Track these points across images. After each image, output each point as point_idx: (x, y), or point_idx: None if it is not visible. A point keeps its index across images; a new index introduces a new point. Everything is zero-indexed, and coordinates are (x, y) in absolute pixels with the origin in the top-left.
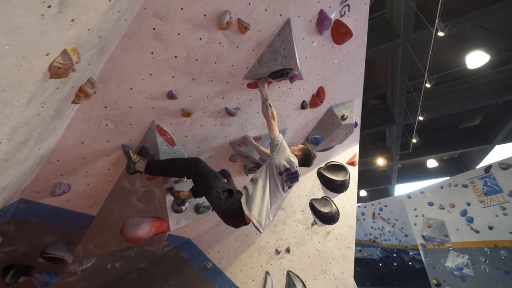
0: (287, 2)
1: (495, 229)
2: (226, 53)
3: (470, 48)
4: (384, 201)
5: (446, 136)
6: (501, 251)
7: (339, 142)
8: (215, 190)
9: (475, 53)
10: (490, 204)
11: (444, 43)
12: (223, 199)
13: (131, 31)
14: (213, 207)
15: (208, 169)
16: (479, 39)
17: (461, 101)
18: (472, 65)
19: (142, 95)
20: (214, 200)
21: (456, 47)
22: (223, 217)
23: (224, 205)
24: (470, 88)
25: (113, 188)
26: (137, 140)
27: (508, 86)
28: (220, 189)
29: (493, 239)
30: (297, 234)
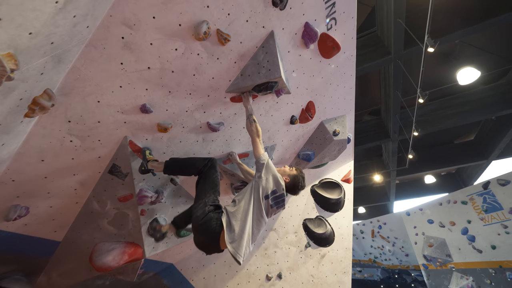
0: (270, 14)
1: (498, 248)
2: (206, 65)
3: (460, 65)
4: (383, 219)
5: (442, 152)
6: (507, 272)
7: (332, 159)
8: (204, 200)
9: (466, 69)
10: (491, 222)
11: (435, 60)
12: (206, 212)
13: (96, 40)
14: (193, 216)
15: (215, 178)
16: (469, 56)
17: (455, 117)
18: (464, 82)
19: (111, 108)
20: (197, 209)
21: (447, 64)
22: (197, 231)
23: (204, 217)
24: (463, 103)
25: (81, 211)
26: (107, 157)
27: (500, 102)
28: (209, 201)
29: (497, 259)
30: (289, 258)
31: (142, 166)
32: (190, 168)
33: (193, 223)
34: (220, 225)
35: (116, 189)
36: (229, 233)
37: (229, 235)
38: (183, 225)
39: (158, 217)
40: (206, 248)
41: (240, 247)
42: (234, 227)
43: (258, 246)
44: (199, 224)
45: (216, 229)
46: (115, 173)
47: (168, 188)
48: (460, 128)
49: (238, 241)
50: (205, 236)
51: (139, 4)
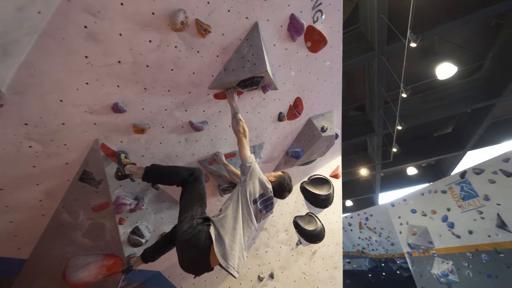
0: (253, 4)
1: (474, 233)
2: (185, 58)
3: (439, 61)
4: (370, 211)
5: (423, 144)
6: (482, 255)
7: (321, 155)
8: (191, 213)
9: (444, 65)
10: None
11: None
12: (194, 225)
13: (53, 29)
14: (178, 231)
15: (201, 189)
16: (446, 52)
17: (434, 110)
18: (442, 76)
19: (77, 108)
20: (183, 224)
21: (427, 59)
22: (184, 247)
23: (192, 230)
24: (442, 98)
25: (49, 224)
26: (76, 163)
27: (474, 96)
28: (197, 215)
29: (473, 243)
30: (281, 257)
31: (119, 171)
32: (173, 176)
33: (179, 239)
34: (210, 238)
35: (89, 198)
36: (219, 246)
37: (219, 248)
38: (150, 259)
39: (140, 225)
40: (194, 267)
41: (232, 259)
42: (224, 238)
43: (249, 247)
44: (186, 239)
45: (206, 242)
46: (86, 180)
47: (149, 194)
48: (439, 121)
49: (230, 253)
50: (194, 252)
51: None
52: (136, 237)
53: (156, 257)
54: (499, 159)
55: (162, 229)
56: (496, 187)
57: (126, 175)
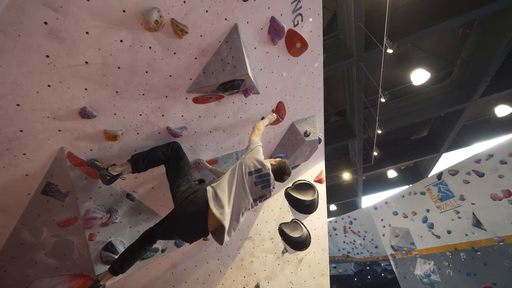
0: (232, 5)
1: (453, 232)
2: (161, 60)
3: (413, 67)
4: (353, 214)
5: (401, 147)
6: (461, 253)
7: (305, 160)
8: (187, 177)
9: (417, 71)
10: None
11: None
12: (193, 185)
13: (6, 24)
14: (176, 195)
15: (185, 157)
16: (419, 59)
17: (410, 115)
18: (416, 82)
19: (38, 113)
20: (180, 186)
21: (402, 66)
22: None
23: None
24: (417, 103)
25: (6, 244)
26: (38, 175)
27: (446, 100)
28: (193, 178)
29: (452, 242)
30: (267, 267)
31: (105, 176)
32: (158, 154)
33: (179, 199)
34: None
35: (54, 213)
36: (215, 202)
37: (215, 203)
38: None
39: (113, 240)
40: (193, 226)
41: (226, 215)
42: (220, 196)
43: (233, 257)
44: (186, 197)
45: (206, 198)
46: (51, 193)
47: (124, 206)
48: (416, 125)
49: (224, 209)
50: (194, 207)
51: None
52: (109, 253)
53: (126, 267)
54: (471, 160)
55: None
56: (470, 187)
57: (116, 176)
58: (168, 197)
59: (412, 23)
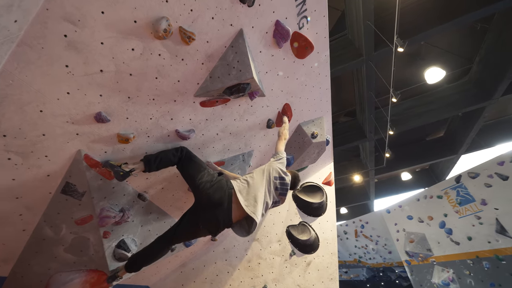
0: (237, 11)
1: (474, 239)
2: (169, 66)
3: (427, 65)
4: (365, 218)
5: (416, 149)
6: (483, 262)
7: (312, 162)
8: (206, 171)
9: (432, 69)
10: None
11: (404, 61)
12: (215, 177)
13: (32, 38)
14: (200, 186)
15: (197, 157)
16: (434, 57)
17: (425, 115)
18: (431, 81)
19: (58, 118)
20: (203, 179)
21: (415, 64)
22: (209, 193)
23: (214, 179)
24: (432, 102)
25: (30, 239)
26: (58, 175)
27: (464, 99)
28: (212, 171)
29: (473, 250)
30: (274, 269)
31: (119, 172)
32: (169, 154)
33: (203, 189)
34: (231, 187)
35: (72, 211)
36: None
37: (243, 198)
38: (134, 267)
39: (126, 238)
40: (218, 214)
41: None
42: (251, 192)
43: (241, 258)
44: (211, 185)
45: (229, 188)
46: (69, 192)
47: (135, 205)
48: (431, 125)
49: (254, 206)
50: (219, 195)
51: None
52: (122, 251)
53: (141, 265)
54: (494, 162)
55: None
56: (493, 191)
57: (128, 172)
58: (177, 197)
59: (425, 20)
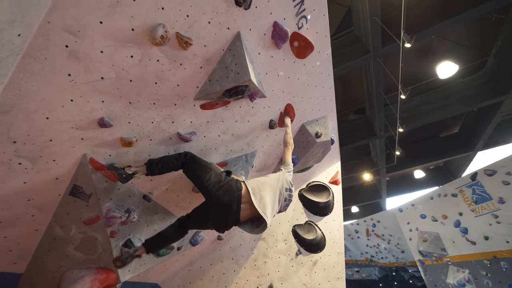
0: (234, 14)
1: (491, 239)
2: (168, 71)
3: (438, 60)
4: (377, 217)
5: (429, 146)
6: (501, 262)
7: (317, 161)
8: (213, 171)
9: (444, 63)
10: (482, 213)
11: (414, 56)
12: (223, 177)
13: (35, 50)
14: (208, 187)
15: (201, 159)
16: (446, 51)
17: (438, 111)
18: (443, 75)
19: (64, 125)
20: (211, 180)
21: (426, 59)
22: (218, 194)
23: (224, 180)
24: (445, 97)
25: (42, 238)
26: (66, 178)
27: (479, 94)
28: (219, 170)
29: (491, 250)
30: (280, 268)
31: (122, 174)
32: (172, 160)
33: (213, 189)
34: (240, 189)
35: (80, 212)
36: (256, 199)
37: (256, 200)
38: (155, 248)
39: (132, 238)
40: (228, 215)
41: (268, 212)
42: (263, 196)
43: (247, 257)
44: (221, 186)
45: (239, 188)
46: (77, 194)
47: (141, 206)
48: (445, 122)
49: (266, 207)
50: (228, 197)
51: (81, 8)
52: (128, 249)
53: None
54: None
55: None
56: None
57: (131, 174)
58: (181, 198)
59: (434, 13)
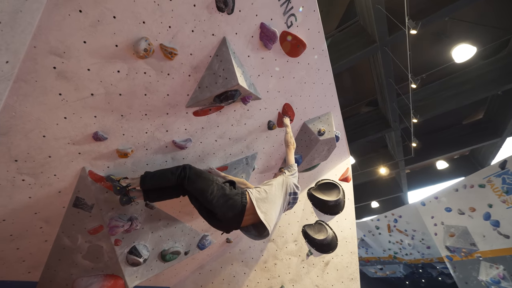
0: (217, 20)
1: None
2: (156, 82)
3: (454, 43)
4: (398, 211)
5: (451, 134)
6: None
7: (323, 159)
8: (215, 183)
9: (460, 46)
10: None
11: (427, 41)
12: (227, 188)
13: (25, 74)
14: (213, 200)
15: (201, 171)
16: (461, 33)
17: (457, 97)
18: (460, 59)
19: (60, 141)
20: (214, 193)
21: (440, 43)
22: (222, 209)
23: (226, 195)
24: (464, 82)
25: (52, 248)
26: (68, 191)
27: (503, 75)
28: (221, 181)
29: None
30: (291, 269)
31: (116, 186)
32: (166, 172)
33: (217, 203)
34: (244, 202)
35: (85, 222)
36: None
37: (262, 213)
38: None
39: (137, 245)
40: (230, 226)
41: (270, 218)
42: (268, 209)
43: (257, 259)
44: (224, 202)
45: (244, 202)
46: (80, 206)
47: (144, 213)
48: (466, 108)
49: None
50: (233, 212)
51: (64, 31)
52: (134, 256)
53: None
54: None
55: (162, 246)
56: None
57: (124, 187)
58: (184, 203)
59: None
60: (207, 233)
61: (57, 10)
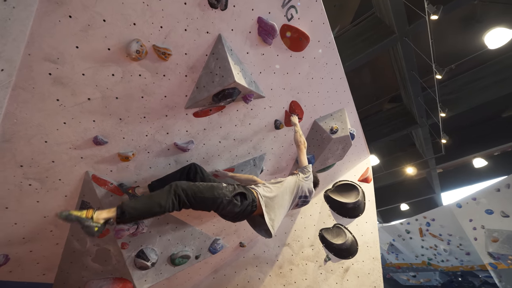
0: (211, 17)
1: None
2: (152, 84)
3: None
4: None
5: (488, 129)
6: None
7: (338, 159)
8: (223, 199)
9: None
10: None
11: (455, 28)
12: (238, 204)
13: (22, 81)
14: (224, 212)
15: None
16: (494, 16)
17: (493, 87)
18: (494, 45)
19: (62, 146)
20: (226, 209)
21: (471, 29)
22: (233, 218)
23: (241, 207)
24: (499, 71)
25: (64, 251)
26: (74, 195)
27: None
28: (229, 195)
29: None
30: (308, 275)
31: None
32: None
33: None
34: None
35: None
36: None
37: (268, 216)
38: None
39: (145, 248)
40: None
41: (276, 225)
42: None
43: (271, 264)
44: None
45: (254, 209)
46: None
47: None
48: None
49: (275, 221)
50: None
51: (56, 37)
52: (141, 260)
53: None
54: None
55: (171, 250)
56: None
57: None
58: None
59: None
60: (218, 237)
61: (48, 17)
